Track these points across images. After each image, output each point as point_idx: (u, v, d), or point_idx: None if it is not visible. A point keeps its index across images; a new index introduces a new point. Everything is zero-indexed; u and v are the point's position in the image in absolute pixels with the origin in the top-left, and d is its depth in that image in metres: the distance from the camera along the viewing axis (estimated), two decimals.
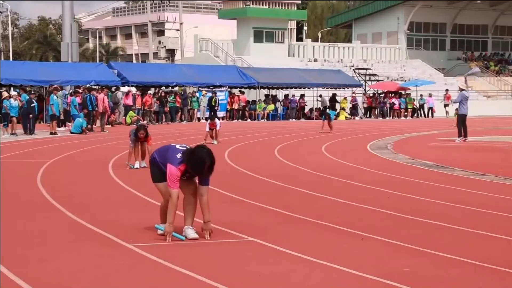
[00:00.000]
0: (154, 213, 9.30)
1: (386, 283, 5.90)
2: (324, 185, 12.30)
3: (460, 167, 15.28)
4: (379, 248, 7.30)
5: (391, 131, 29.55)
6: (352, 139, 25.24)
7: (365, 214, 9.42)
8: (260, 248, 7.26)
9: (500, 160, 17.69)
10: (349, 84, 48.51)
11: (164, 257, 6.71)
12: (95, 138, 24.86)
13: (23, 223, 8.52)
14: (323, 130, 27.56)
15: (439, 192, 11.57)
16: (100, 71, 38.86)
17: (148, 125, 22.76)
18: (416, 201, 10.60)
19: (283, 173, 14.17)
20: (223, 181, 12.71)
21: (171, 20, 69.05)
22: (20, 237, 7.68)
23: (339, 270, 6.33)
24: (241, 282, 5.90)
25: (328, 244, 7.47)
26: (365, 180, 13.01)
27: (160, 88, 40.34)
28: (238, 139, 23.87)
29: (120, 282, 5.92)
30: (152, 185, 7.98)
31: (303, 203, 10.32)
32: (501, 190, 11.80)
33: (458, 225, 8.53)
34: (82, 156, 17.95)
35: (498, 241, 7.72)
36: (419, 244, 7.36)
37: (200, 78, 41.65)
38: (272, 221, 8.84)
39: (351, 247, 7.34)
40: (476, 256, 6.83)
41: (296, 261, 6.71)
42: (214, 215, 9.02)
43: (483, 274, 6.28)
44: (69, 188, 11.83)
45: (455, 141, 23.07)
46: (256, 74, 44.49)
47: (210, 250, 7.14)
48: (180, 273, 6.19)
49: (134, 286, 5.81)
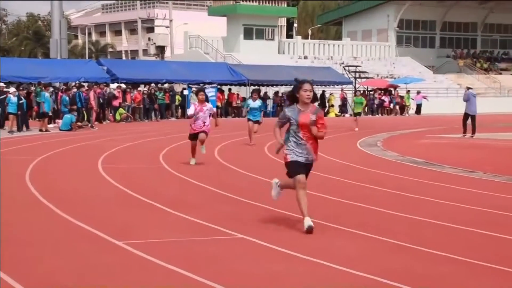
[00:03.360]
0: (144, 210, 9.30)
1: (378, 281, 5.92)
2: (313, 182, 12.30)
3: (449, 164, 15.34)
4: (370, 246, 7.31)
5: (380, 128, 29.61)
6: (341, 136, 25.27)
7: (355, 211, 9.44)
8: (250, 245, 7.26)
9: (488, 157, 17.76)
10: (339, 82, 48.54)
11: (155, 254, 6.70)
12: (85, 135, 24.79)
13: (12, 221, 8.47)
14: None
15: (428, 189, 11.60)
16: (89, 68, 38.71)
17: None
18: (406, 198, 10.63)
19: (272, 170, 14.17)
20: (213, 178, 12.71)
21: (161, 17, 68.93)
22: (9, 235, 7.64)
23: (330, 267, 6.34)
24: (231, 280, 5.89)
25: (318, 241, 7.48)
26: (354, 177, 13.03)
27: (149, 85, 40.25)
28: (228, 136, 23.86)
29: (110, 280, 5.90)
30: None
31: (293, 201, 10.31)
32: (489, 187, 11.85)
33: (448, 222, 8.55)
34: (71, 153, 17.89)
35: (489, 238, 7.75)
36: (410, 242, 7.38)
37: (190, 75, 41.58)
38: (262, 218, 8.84)
39: (342, 244, 7.35)
40: (467, 254, 6.85)
41: (286, 258, 6.71)
42: (204, 212, 9.03)
43: (474, 272, 6.30)
44: (58, 186, 11.78)
45: (465, 137, 24.20)
46: (246, 71, 44.46)
47: (201, 247, 7.13)
48: (170, 270, 6.18)
49: (124, 283, 5.80)
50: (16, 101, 25.84)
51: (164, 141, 21.51)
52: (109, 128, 29.20)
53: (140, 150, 18.71)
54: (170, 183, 12.24)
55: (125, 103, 36.03)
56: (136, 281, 5.86)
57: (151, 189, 11.21)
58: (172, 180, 12.71)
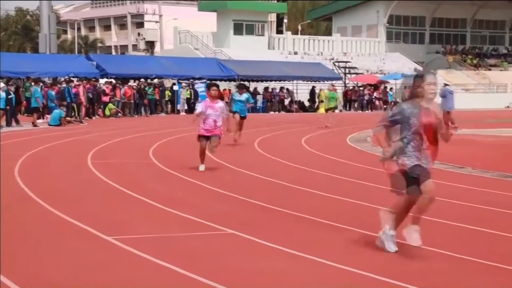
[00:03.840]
0: (133, 206, 9.27)
1: (371, 277, 5.92)
2: (303, 178, 12.32)
3: (438, 160, 15.33)
4: (360, 241, 7.32)
5: (370, 124, 29.60)
6: (331, 132, 25.30)
7: (346, 207, 9.45)
8: (241, 241, 7.26)
9: (478, 153, 17.82)
10: (329, 77, 48.56)
11: (144, 250, 6.69)
12: (74, 130, 24.70)
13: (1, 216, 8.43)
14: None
15: None
16: (79, 63, 38.57)
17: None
18: None
19: (263, 166, 14.18)
20: (205, 175, 12.70)
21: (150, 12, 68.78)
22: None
23: (322, 264, 6.33)
24: (221, 275, 5.89)
25: (309, 236, 7.48)
26: (344, 172, 13.05)
27: (139, 81, 40.17)
28: None
29: (99, 275, 5.88)
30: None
31: (283, 196, 10.33)
32: (479, 183, 11.89)
33: (438, 218, 8.57)
34: (61, 149, 17.83)
35: (479, 234, 7.77)
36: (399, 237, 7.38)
37: (180, 71, 41.51)
38: (253, 214, 8.84)
39: (332, 240, 7.35)
40: (458, 249, 6.87)
41: (277, 253, 6.71)
42: (194, 208, 9.01)
43: (466, 267, 6.31)
44: (47, 181, 11.74)
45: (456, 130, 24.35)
46: (236, 67, 44.42)
47: (191, 243, 7.12)
48: (160, 266, 6.17)
49: (115, 279, 5.78)
50: (5, 96, 25.73)
51: (154, 137, 21.46)
52: (98, 124, 29.12)
53: (130, 146, 18.66)
54: (160, 179, 12.22)
55: (115, 99, 35.94)
56: (127, 277, 5.84)
57: (141, 185, 11.19)
58: (162, 175, 12.69)
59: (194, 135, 14.27)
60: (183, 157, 15.98)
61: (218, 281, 5.66)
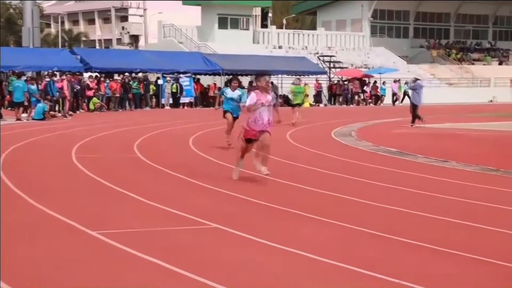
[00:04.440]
0: (118, 200, 9.27)
1: (351, 269, 5.96)
2: (288, 172, 12.35)
3: (422, 154, 15.46)
4: (341, 234, 7.37)
5: (355, 118, 29.75)
6: (316, 126, 25.36)
7: (329, 201, 9.49)
8: (225, 235, 7.28)
9: (461, 147, 17.93)
10: (314, 71, 48.66)
11: (129, 244, 6.69)
12: (58, 124, 24.60)
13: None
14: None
15: (401, 178, 11.70)
16: (62, 57, 38.39)
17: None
18: (378, 187, 10.71)
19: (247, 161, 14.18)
20: (187, 168, 12.70)
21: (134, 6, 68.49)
22: None
23: (303, 256, 6.37)
24: (206, 269, 5.91)
25: (292, 230, 7.51)
26: (328, 166, 13.10)
27: (123, 75, 40.05)
28: (203, 126, 23.83)
29: (85, 270, 5.89)
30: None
31: (267, 190, 10.35)
32: (462, 177, 11.98)
33: (419, 210, 8.64)
34: (45, 143, 17.76)
35: (461, 227, 7.84)
36: (383, 231, 7.44)
37: (164, 65, 41.43)
38: (237, 208, 8.86)
39: (316, 233, 7.39)
40: (440, 242, 6.93)
41: (260, 247, 6.74)
42: (179, 202, 9.02)
43: (441, 259, 6.37)
44: (31, 176, 11.70)
45: (411, 126, 24.67)
46: (221, 61, 44.37)
47: (176, 237, 7.14)
48: (145, 260, 6.18)
49: (99, 273, 5.79)
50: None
51: (139, 131, 21.42)
52: (82, 118, 29.02)
53: (114, 140, 18.62)
54: (144, 173, 12.20)
55: (99, 93, 35.82)
56: (112, 271, 5.85)
57: (126, 179, 11.18)
58: (146, 170, 12.68)
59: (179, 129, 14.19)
60: (167, 152, 15.97)
61: (203, 275, 5.68)
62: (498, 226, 7.77)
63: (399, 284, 5.53)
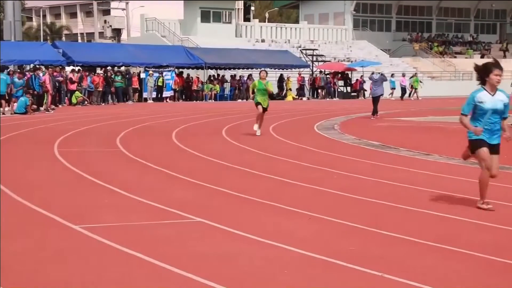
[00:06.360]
0: (101, 194, 9.24)
1: (331, 262, 5.98)
2: (271, 166, 12.36)
3: (405, 147, 15.53)
4: (325, 228, 7.39)
5: (338, 112, 29.81)
6: (299, 120, 25.39)
7: (311, 194, 9.51)
8: (208, 228, 7.28)
9: (444, 140, 18.02)
10: (297, 65, 48.70)
11: (111, 238, 6.68)
12: (40, 118, 24.47)
13: None
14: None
15: (384, 172, 11.74)
16: (44, 51, 38.16)
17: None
18: (362, 180, 10.74)
19: (230, 154, 14.19)
20: (170, 162, 12.68)
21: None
22: None
23: (284, 249, 6.38)
24: (189, 263, 5.91)
25: (274, 223, 7.53)
26: (311, 160, 13.12)
27: (106, 68, 39.87)
28: (186, 120, 23.79)
29: (66, 264, 5.87)
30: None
31: (250, 184, 10.37)
32: (444, 170, 12.04)
33: (403, 204, 8.68)
34: (26, 137, 17.66)
35: (443, 220, 7.88)
36: (365, 224, 7.47)
37: (147, 58, 41.31)
38: (220, 201, 8.86)
39: (298, 226, 7.41)
40: (422, 235, 6.96)
41: (242, 241, 6.74)
42: (162, 196, 9.01)
43: (427, 252, 6.41)
44: (13, 170, 11.62)
45: (371, 118, 25.50)
46: (203, 55, 44.30)
47: (158, 231, 7.13)
48: (127, 254, 6.17)
49: (81, 267, 5.77)
50: None
51: (121, 125, 21.35)
52: (65, 112, 28.87)
53: (96, 134, 18.55)
54: (127, 167, 12.17)
55: (82, 86, 35.64)
56: (94, 265, 5.84)
57: (108, 173, 11.14)
58: (129, 163, 12.64)
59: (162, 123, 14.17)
60: (150, 145, 15.93)
61: (186, 269, 5.68)
62: (481, 220, 7.83)
63: (381, 278, 5.56)
